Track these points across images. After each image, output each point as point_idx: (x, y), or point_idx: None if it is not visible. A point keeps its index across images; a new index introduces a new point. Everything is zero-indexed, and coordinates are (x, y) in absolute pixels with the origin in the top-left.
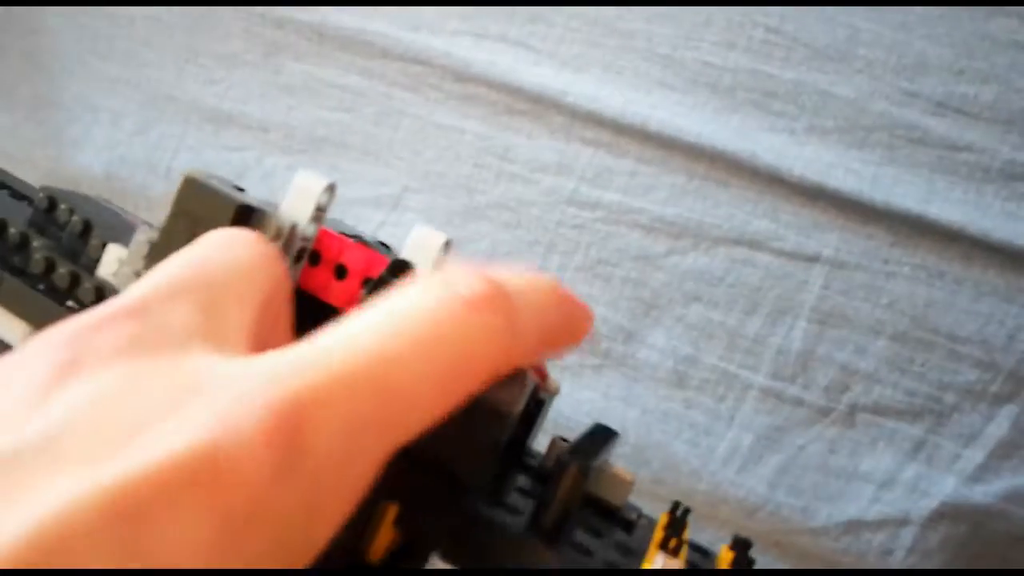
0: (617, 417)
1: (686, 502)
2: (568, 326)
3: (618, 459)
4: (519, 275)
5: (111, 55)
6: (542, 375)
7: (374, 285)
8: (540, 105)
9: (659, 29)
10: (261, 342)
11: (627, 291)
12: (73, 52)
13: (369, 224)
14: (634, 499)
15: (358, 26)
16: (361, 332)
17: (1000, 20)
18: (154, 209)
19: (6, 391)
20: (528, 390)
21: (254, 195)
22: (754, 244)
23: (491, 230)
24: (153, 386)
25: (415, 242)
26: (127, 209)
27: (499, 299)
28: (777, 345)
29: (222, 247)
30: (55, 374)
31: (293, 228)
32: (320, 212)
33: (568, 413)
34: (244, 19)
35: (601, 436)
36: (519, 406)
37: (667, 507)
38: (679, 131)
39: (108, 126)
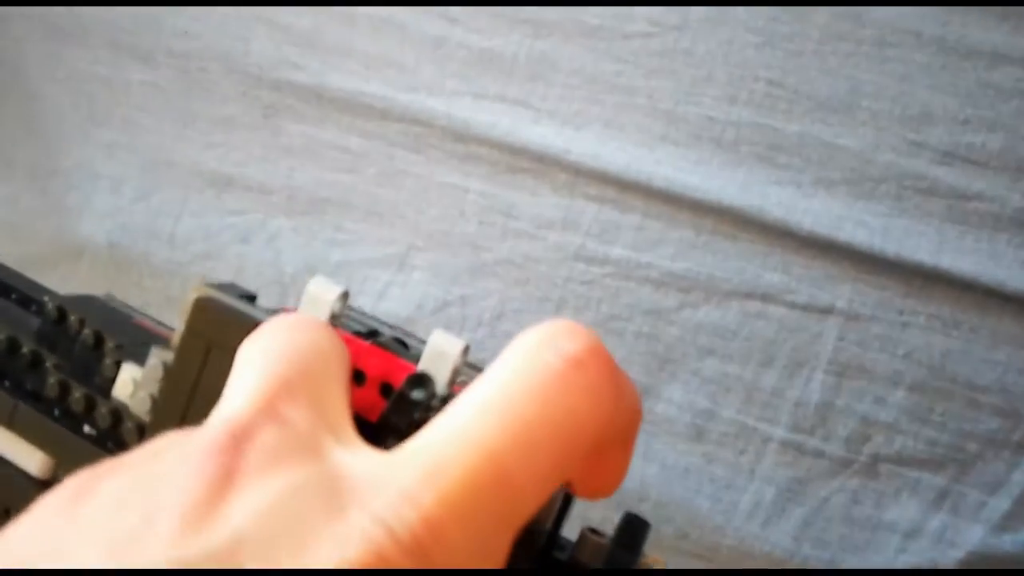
0: (637, 473)
1: (712, 557)
2: (623, 404)
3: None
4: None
5: (109, 121)
6: None
7: (396, 400)
8: (543, 163)
9: (660, 84)
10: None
11: (641, 346)
12: (71, 119)
13: (375, 284)
14: (658, 555)
15: (356, 88)
16: (473, 420)
17: (1004, 68)
18: (157, 277)
19: (157, 506)
20: (560, 497)
21: (254, 262)
22: (767, 297)
23: (500, 287)
24: (308, 492)
25: (433, 349)
26: (127, 284)
27: (601, 353)
28: (795, 398)
29: (299, 333)
30: (213, 487)
31: None
32: (335, 319)
33: None
34: (240, 82)
35: (634, 529)
36: (550, 519)
37: (693, 562)
38: (684, 186)
39: (108, 193)
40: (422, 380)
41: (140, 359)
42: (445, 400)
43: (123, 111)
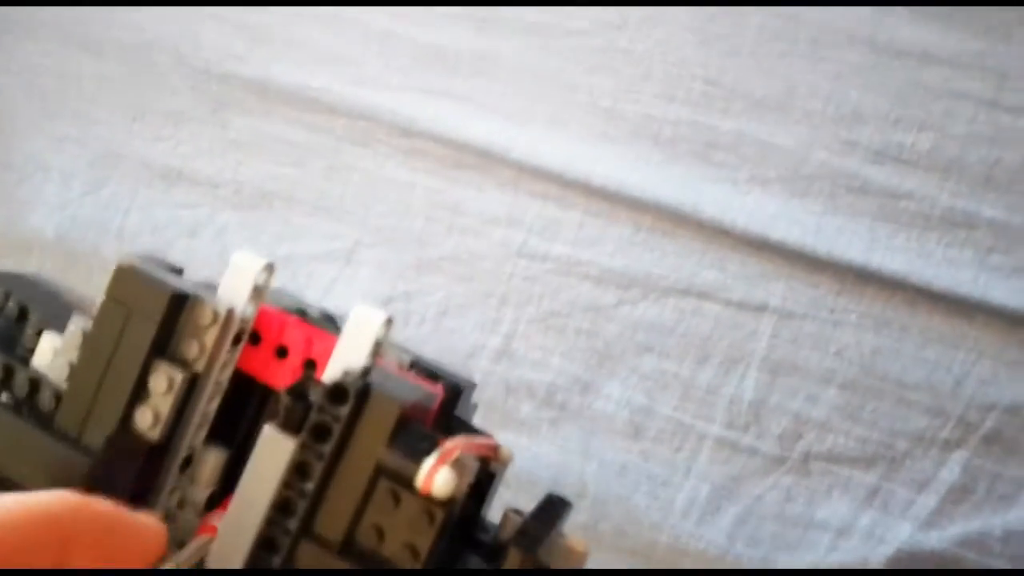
0: (575, 470)
1: (649, 555)
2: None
3: (578, 514)
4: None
5: (60, 114)
6: (492, 448)
7: (316, 413)
8: (487, 159)
9: (600, 81)
10: None
11: (581, 342)
12: (23, 111)
13: (321, 279)
14: (597, 553)
15: (302, 81)
16: None
17: (934, 68)
18: (107, 271)
19: None
20: (471, 476)
21: (203, 255)
22: (703, 295)
23: (445, 283)
24: None
25: (355, 321)
26: (76, 278)
27: None
28: (730, 395)
29: None
30: None
31: (230, 312)
32: (259, 292)
33: (528, 468)
34: (190, 75)
35: (553, 508)
36: (461, 496)
37: (630, 560)
38: (622, 184)
39: (58, 186)
40: (340, 395)
41: (62, 330)
42: (366, 369)
43: (74, 104)
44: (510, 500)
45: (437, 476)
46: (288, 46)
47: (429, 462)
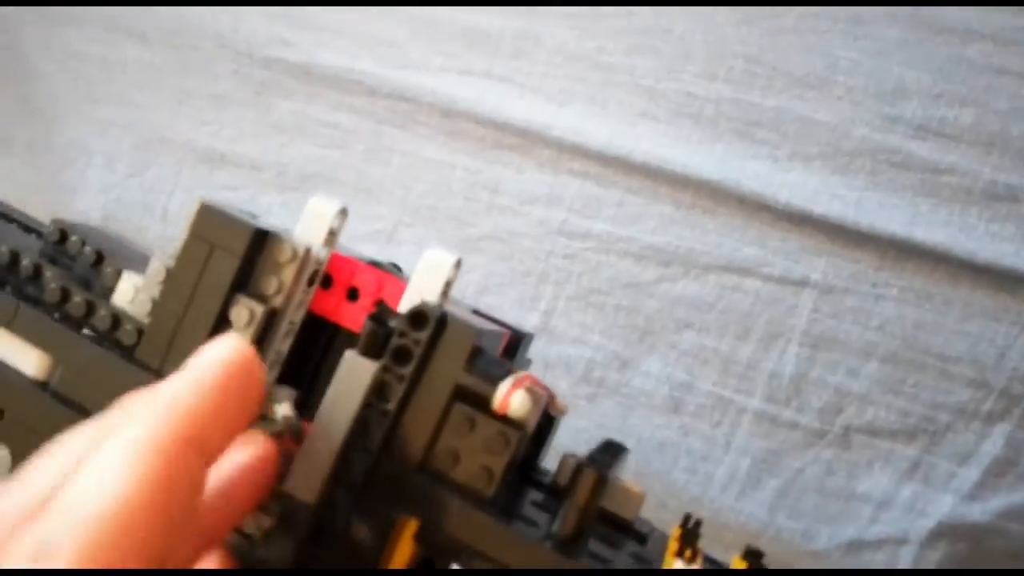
0: None
1: None
2: (242, 403)
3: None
4: (184, 380)
5: (105, 99)
6: (551, 395)
7: (397, 338)
8: (527, 139)
9: (640, 62)
10: None
11: (620, 319)
12: (67, 97)
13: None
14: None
15: (345, 65)
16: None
17: (976, 45)
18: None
19: None
20: (541, 406)
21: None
22: (743, 271)
23: (484, 262)
24: None
25: (426, 262)
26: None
27: (189, 440)
28: (770, 370)
29: None
30: None
31: (307, 251)
32: (332, 235)
33: (565, 444)
34: (233, 59)
35: (612, 450)
36: (533, 423)
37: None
38: (664, 161)
39: (103, 170)
40: (420, 317)
41: (141, 271)
42: (440, 317)
43: (118, 89)
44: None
45: (513, 397)
46: (331, 31)
47: (506, 384)
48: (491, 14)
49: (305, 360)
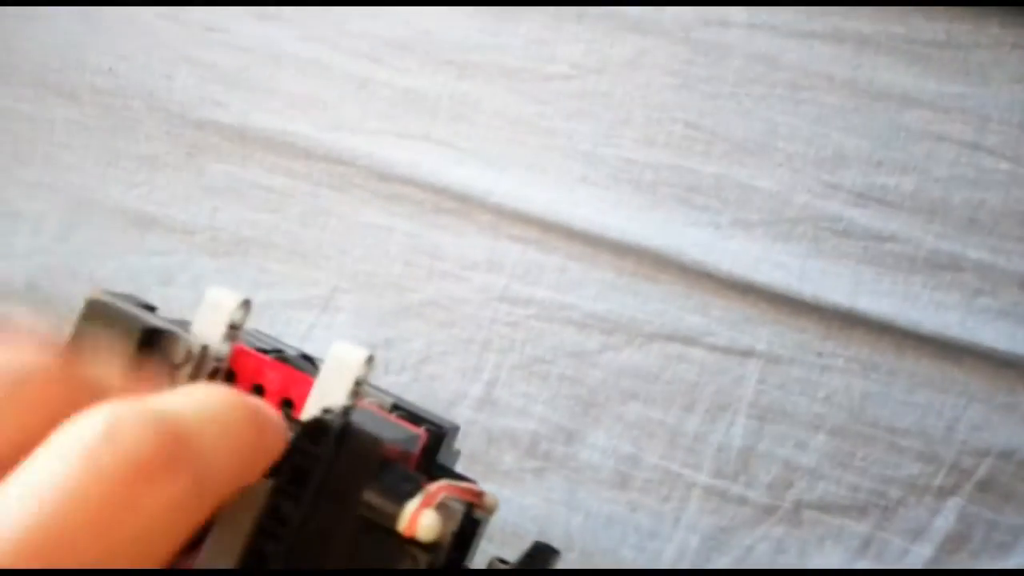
0: (561, 523)
1: None
2: (262, 443)
3: (565, 568)
4: (194, 397)
5: (32, 159)
6: (477, 494)
7: (294, 454)
8: (466, 204)
9: (579, 127)
10: None
11: (564, 389)
12: None
13: (300, 326)
14: None
15: (279, 127)
16: (22, 509)
17: (914, 111)
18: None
19: None
20: (457, 520)
21: (177, 304)
22: (687, 340)
23: (426, 329)
24: None
25: (334, 358)
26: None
27: (179, 455)
28: (718, 442)
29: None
30: None
31: (205, 349)
32: (234, 330)
33: (513, 520)
34: (164, 120)
35: (541, 555)
36: (446, 541)
37: None
38: (604, 228)
39: (29, 233)
40: (319, 432)
41: None
42: (347, 411)
43: (46, 149)
44: (494, 554)
45: (422, 518)
46: (264, 91)
47: (413, 504)
48: (429, 77)
49: None
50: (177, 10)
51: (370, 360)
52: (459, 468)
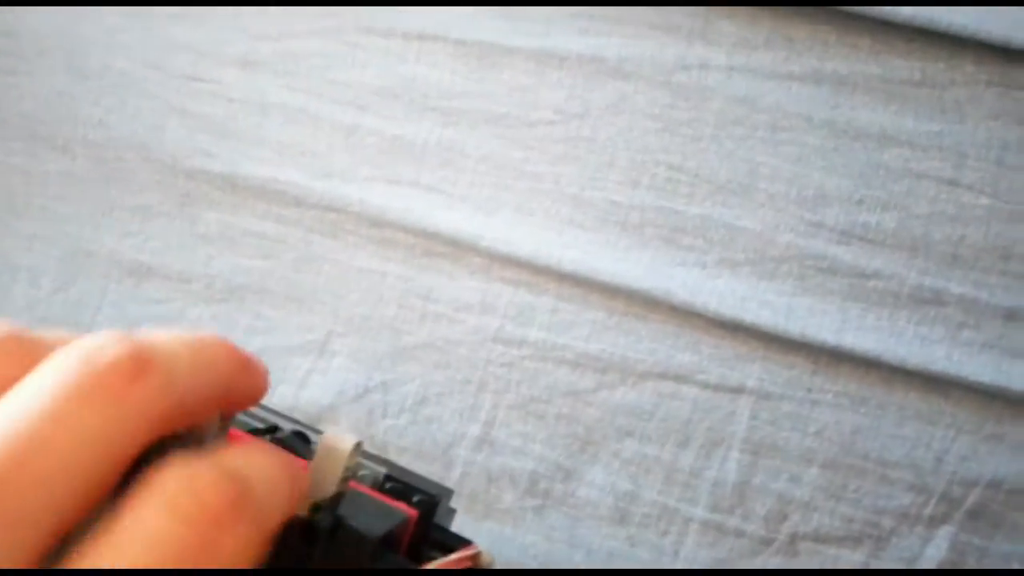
0: (563, 560)
1: None
2: (241, 381)
3: None
4: (177, 336)
5: (27, 212)
6: (471, 558)
7: (285, 556)
8: (457, 248)
9: (565, 170)
10: None
11: (561, 428)
12: None
13: (296, 372)
14: None
15: (270, 175)
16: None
17: (893, 150)
18: None
19: None
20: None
21: None
22: (679, 377)
23: (421, 371)
24: None
25: (323, 449)
26: None
27: (145, 364)
28: (713, 477)
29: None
30: None
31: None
32: (225, 422)
33: (515, 558)
34: (156, 170)
35: None
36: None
37: None
38: (593, 270)
39: (26, 285)
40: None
41: None
42: (336, 499)
43: (41, 202)
44: None
45: None
46: (253, 140)
47: None
48: (416, 124)
49: None
50: (161, 59)
51: (358, 447)
52: (460, 506)
